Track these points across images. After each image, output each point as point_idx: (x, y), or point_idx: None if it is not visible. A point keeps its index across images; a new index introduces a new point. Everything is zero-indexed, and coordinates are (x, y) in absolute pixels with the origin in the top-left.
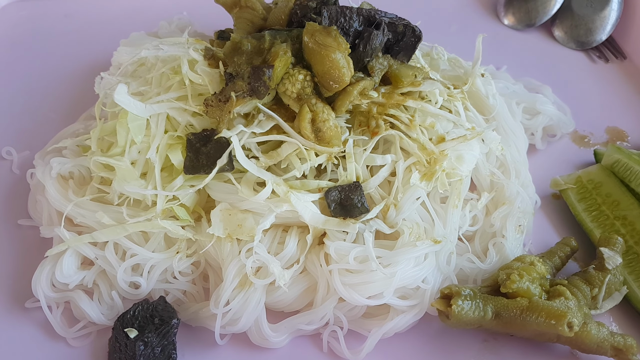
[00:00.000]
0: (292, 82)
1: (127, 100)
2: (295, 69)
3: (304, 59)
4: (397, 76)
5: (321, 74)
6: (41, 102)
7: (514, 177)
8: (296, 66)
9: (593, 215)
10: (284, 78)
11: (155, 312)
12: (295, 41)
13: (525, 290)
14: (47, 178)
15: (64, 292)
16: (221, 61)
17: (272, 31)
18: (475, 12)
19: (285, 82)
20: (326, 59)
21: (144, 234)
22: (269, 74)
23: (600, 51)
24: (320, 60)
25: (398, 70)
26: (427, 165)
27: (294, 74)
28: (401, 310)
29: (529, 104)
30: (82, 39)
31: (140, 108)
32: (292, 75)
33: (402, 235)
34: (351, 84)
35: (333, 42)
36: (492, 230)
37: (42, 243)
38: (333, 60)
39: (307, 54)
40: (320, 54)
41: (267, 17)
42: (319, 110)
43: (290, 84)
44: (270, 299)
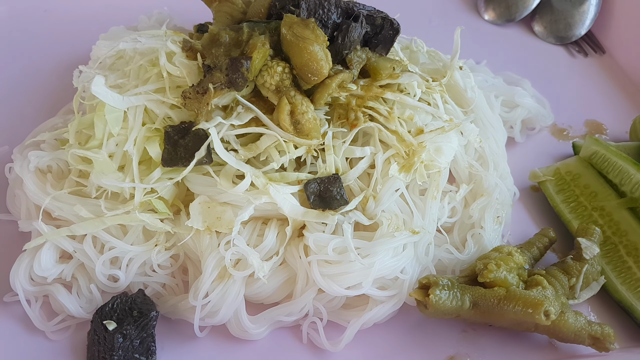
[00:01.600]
0: (271, 74)
1: (104, 92)
2: (274, 61)
3: (282, 51)
4: (376, 69)
5: (300, 66)
6: (20, 97)
7: (493, 169)
8: (275, 58)
9: (571, 206)
10: (262, 70)
11: (134, 304)
12: (273, 33)
13: (503, 279)
14: (25, 172)
15: (42, 286)
16: (199, 53)
17: (251, 23)
18: (456, 7)
19: (264, 74)
20: (304, 52)
21: (122, 227)
22: (247, 66)
23: (580, 46)
24: (299, 53)
25: (376, 63)
26: (405, 157)
27: (273, 65)
28: (380, 300)
29: (507, 96)
30: (62, 34)
31: (118, 100)
32: (271, 67)
33: (381, 226)
34: (330, 77)
35: (311, 34)
36: (471, 222)
37: (21, 237)
38: (311, 52)
39: (286, 46)
40: (299, 46)
41: (246, 10)
42: (297, 102)
43: (269, 75)
44: (250, 290)
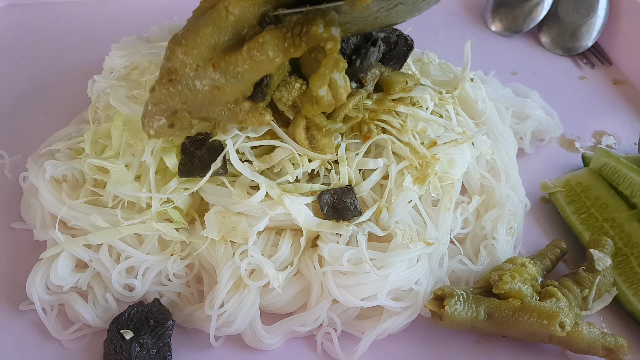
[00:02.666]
0: (289, 90)
1: (124, 102)
2: (292, 77)
3: (300, 67)
4: (389, 83)
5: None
6: (32, 106)
7: (504, 181)
8: (293, 74)
9: (582, 217)
10: (280, 85)
11: (150, 314)
12: None
13: (517, 291)
14: (41, 181)
15: (58, 295)
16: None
17: None
18: (463, 19)
19: (282, 90)
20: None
21: (138, 237)
22: (267, 82)
23: (587, 57)
24: None
25: (389, 77)
26: (419, 169)
27: (291, 82)
28: (394, 311)
29: (517, 108)
30: (72, 43)
31: (137, 110)
32: (289, 84)
33: (394, 237)
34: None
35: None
36: (483, 233)
37: (36, 246)
38: (331, 80)
39: (305, 69)
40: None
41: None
42: (314, 119)
43: (287, 91)
44: (265, 301)
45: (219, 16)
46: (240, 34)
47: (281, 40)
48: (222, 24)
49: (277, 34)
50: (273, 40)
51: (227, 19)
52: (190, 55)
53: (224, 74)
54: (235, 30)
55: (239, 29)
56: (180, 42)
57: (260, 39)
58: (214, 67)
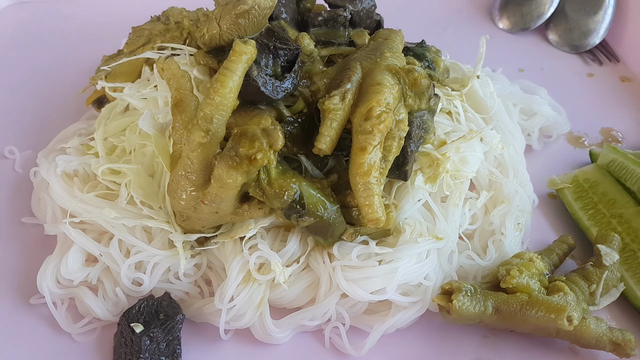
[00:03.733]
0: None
1: (154, 125)
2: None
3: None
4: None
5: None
6: (42, 102)
7: (512, 176)
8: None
9: (589, 213)
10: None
11: (160, 307)
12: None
13: (525, 285)
14: (52, 176)
15: (68, 289)
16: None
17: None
18: (470, 16)
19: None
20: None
21: (148, 235)
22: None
23: (594, 54)
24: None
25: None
26: (431, 166)
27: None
28: (403, 306)
29: (525, 105)
30: (82, 40)
31: (164, 129)
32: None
33: (403, 233)
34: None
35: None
36: (491, 228)
37: (46, 240)
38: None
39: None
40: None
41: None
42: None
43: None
44: (273, 295)
45: (187, 164)
46: (210, 169)
47: (230, 167)
48: (191, 170)
49: (223, 163)
50: (224, 170)
51: (193, 165)
52: (181, 200)
53: (213, 202)
54: (204, 169)
55: (207, 166)
56: (171, 194)
57: (216, 173)
58: (203, 203)
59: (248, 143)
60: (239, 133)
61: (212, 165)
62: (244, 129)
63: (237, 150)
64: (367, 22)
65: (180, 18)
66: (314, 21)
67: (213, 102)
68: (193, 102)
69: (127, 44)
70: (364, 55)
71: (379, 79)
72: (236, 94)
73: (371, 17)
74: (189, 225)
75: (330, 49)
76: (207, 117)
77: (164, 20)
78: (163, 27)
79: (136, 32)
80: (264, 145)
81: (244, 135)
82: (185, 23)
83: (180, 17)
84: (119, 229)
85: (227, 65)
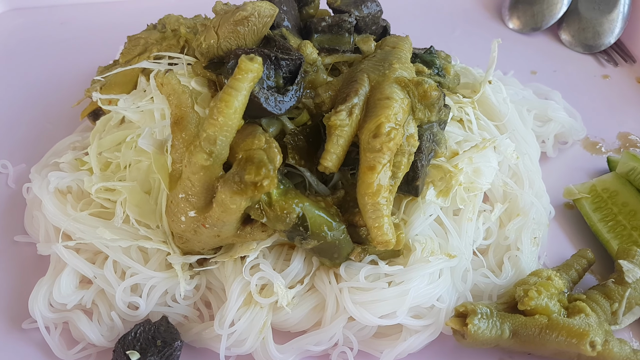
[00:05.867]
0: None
1: (153, 142)
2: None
3: None
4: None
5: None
6: (37, 112)
7: (528, 187)
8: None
9: (609, 225)
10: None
11: (157, 333)
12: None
13: (544, 307)
14: (45, 193)
15: (62, 313)
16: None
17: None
18: (479, 16)
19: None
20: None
21: (144, 255)
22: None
23: (609, 55)
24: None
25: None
26: (444, 177)
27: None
28: (415, 329)
29: (540, 110)
30: (79, 46)
31: (163, 145)
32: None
33: (414, 251)
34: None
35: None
36: (507, 243)
37: (40, 260)
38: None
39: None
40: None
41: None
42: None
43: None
44: (277, 318)
45: (187, 186)
46: (212, 191)
47: (234, 193)
48: (191, 192)
49: (227, 188)
50: (228, 196)
51: (194, 187)
52: (181, 223)
53: (214, 226)
54: (205, 192)
55: (209, 189)
56: (170, 216)
57: (218, 197)
58: (204, 226)
59: (254, 170)
60: (244, 158)
61: (214, 188)
62: (249, 154)
63: (243, 176)
64: (372, 28)
65: (177, 26)
66: (317, 27)
67: (217, 122)
68: (194, 119)
69: (123, 53)
70: (371, 66)
71: (388, 93)
72: (241, 114)
73: (377, 23)
74: (188, 247)
75: (335, 57)
76: (210, 139)
77: (160, 28)
78: (159, 35)
79: (132, 41)
80: (271, 172)
81: (249, 162)
82: (182, 31)
83: (177, 25)
84: (113, 249)
85: (232, 83)
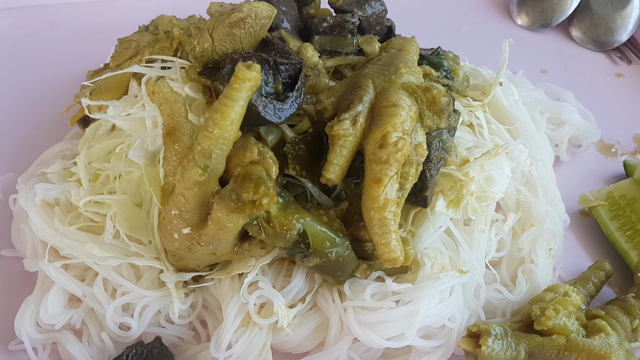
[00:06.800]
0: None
1: (144, 154)
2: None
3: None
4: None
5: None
6: (25, 117)
7: (542, 195)
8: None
9: (628, 235)
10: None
11: (150, 356)
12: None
13: (562, 326)
14: (31, 205)
15: (50, 333)
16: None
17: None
18: (487, 13)
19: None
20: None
21: (136, 272)
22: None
23: (622, 52)
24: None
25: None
26: (454, 187)
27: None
28: (425, 351)
29: (553, 113)
30: (70, 48)
31: (155, 157)
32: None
33: (423, 267)
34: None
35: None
36: (521, 255)
37: (28, 275)
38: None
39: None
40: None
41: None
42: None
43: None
44: (277, 338)
45: (180, 202)
46: (207, 207)
47: (230, 211)
48: (185, 208)
49: (223, 205)
50: (224, 214)
51: (188, 204)
52: (174, 241)
53: (210, 244)
54: (200, 208)
55: (204, 205)
56: (163, 233)
57: (214, 215)
58: (199, 244)
59: (253, 187)
60: (242, 175)
61: (209, 204)
62: (247, 171)
63: (240, 194)
64: (377, 28)
65: (170, 27)
66: (318, 28)
67: (212, 135)
68: (188, 130)
69: (113, 57)
70: (376, 70)
71: (395, 100)
72: (238, 125)
73: (381, 23)
74: (182, 264)
75: (337, 59)
76: (205, 152)
77: (152, 30)
78: (152, 37)
79: (123, 44)
80: (271, 190)
81: (247, 178)
82: (176, 32)
83: (170, 26)
84: (103, 266)
85: (229, 93)
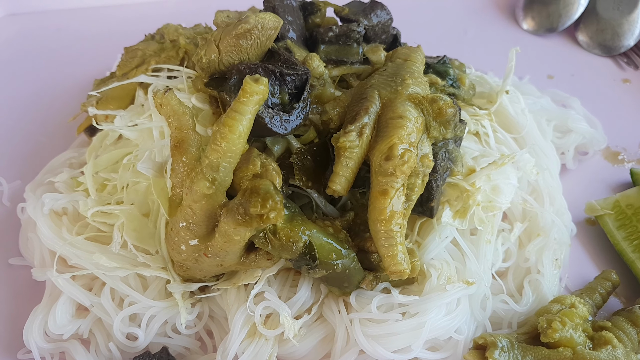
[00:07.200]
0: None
1: (152, 165)
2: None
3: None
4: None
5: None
6: (32, 125)
7: (548, 204)
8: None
9: (635, 244)
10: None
11: None
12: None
13: (569, 339)
14: (39, 214)
15: (58, 343)
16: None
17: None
18: (493, 17)
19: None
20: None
21: (143, 282)
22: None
23: (629, 57)
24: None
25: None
26: (460, 197)
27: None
28: None
29: (560, 121)
30: (76, 54)
31: (162, 168)
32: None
33: (429, 278)
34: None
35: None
36: (527, 265)
37: (36, 284)
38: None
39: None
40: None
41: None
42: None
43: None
44: (283, 350)
45: (188, 214)
46: (214, 219)
47: (238, 224)
48: (193, 220)
49: (231, 219)
50: (232, 227)
51: (196, 216)
52: (181, 253)
53: (217, 256)
54: (207, 220)
55: (211, 217)
56: (170, 244)
57: (221, 228)
58: (206, 256)
59: (260, 202)
60: (250, 189)
61: (216, 216)
62: (255, 185)
63: (247, 208)
64: (382, 37)
65: (176, 36)
66: (324, 37)
67: (220, 148)
68: (195, 142)
69: (119, 65)
70: (382, 81)
71: (401, 111)
72: (246, 138)
73: (387, 32)
74: (189, 275)
75: (343, 68)
76: (213, 165)
77: (158, 39)
78: (158, 46)
79: (129, 53)
80: (278, 205)
81: (255, 193)
82: (182, 41)
83: (176, 35)
84: (111, 276)
85: (236, 107)
